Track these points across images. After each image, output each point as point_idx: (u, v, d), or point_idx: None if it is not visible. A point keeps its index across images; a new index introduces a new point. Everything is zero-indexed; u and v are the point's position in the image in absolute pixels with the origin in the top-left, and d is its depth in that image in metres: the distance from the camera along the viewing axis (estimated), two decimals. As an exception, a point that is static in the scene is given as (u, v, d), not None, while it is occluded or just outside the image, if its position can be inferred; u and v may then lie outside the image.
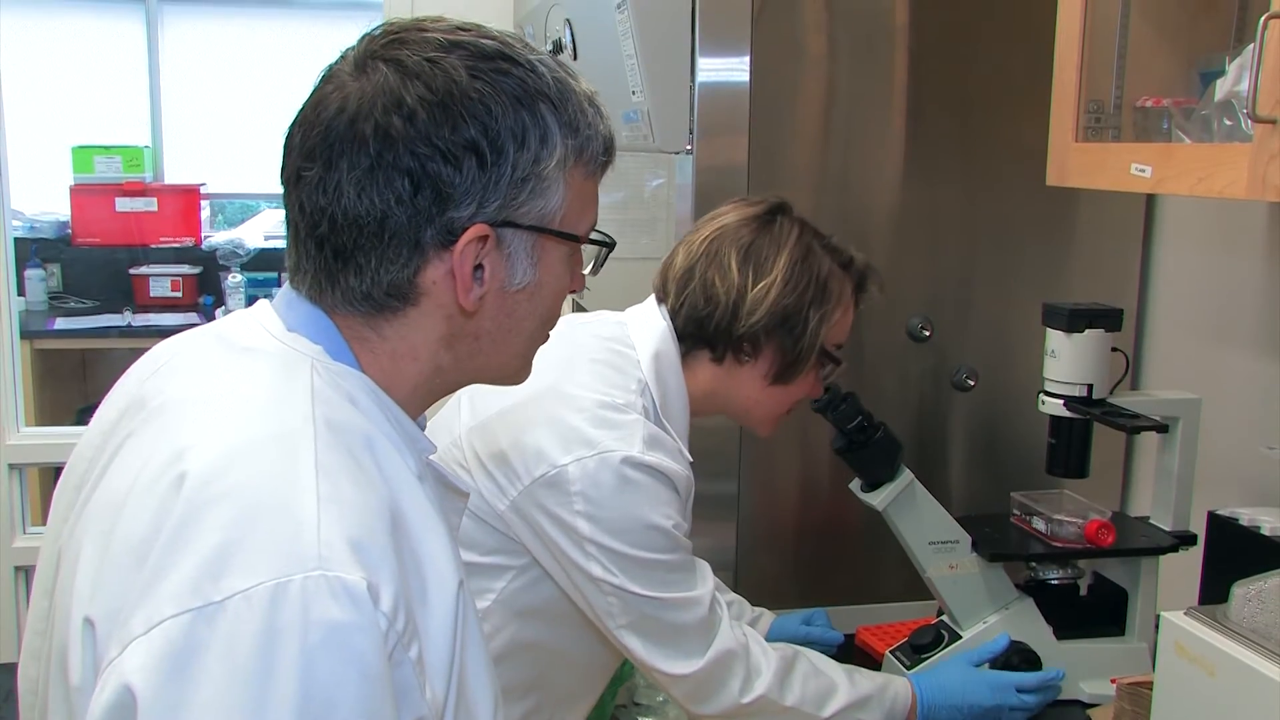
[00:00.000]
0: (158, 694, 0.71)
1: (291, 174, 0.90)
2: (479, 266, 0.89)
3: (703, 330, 1.51)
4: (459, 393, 1.53)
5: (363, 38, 0.91)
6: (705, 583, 1.46)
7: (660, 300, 1.56)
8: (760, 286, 1.48)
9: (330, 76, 0.90)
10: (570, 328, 1.57)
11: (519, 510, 1.41)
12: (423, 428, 1.00)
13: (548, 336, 1.01)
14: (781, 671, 1.49)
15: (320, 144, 0.87)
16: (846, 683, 1.53)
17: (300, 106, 0.91)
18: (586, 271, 1.02)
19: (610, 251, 1.02)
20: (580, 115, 0.92)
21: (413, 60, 0.87)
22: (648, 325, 1.53)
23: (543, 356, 1.50)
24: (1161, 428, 1.63)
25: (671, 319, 1.53)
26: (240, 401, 0.85)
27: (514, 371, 1.00)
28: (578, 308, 2.31)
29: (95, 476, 0.88)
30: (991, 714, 1.59)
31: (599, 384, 1.45)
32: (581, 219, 0.95)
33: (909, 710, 1.57)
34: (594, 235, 0.99)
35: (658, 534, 1.39)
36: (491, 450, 1.43)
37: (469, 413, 1.50)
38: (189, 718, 0.71)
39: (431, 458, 0.98)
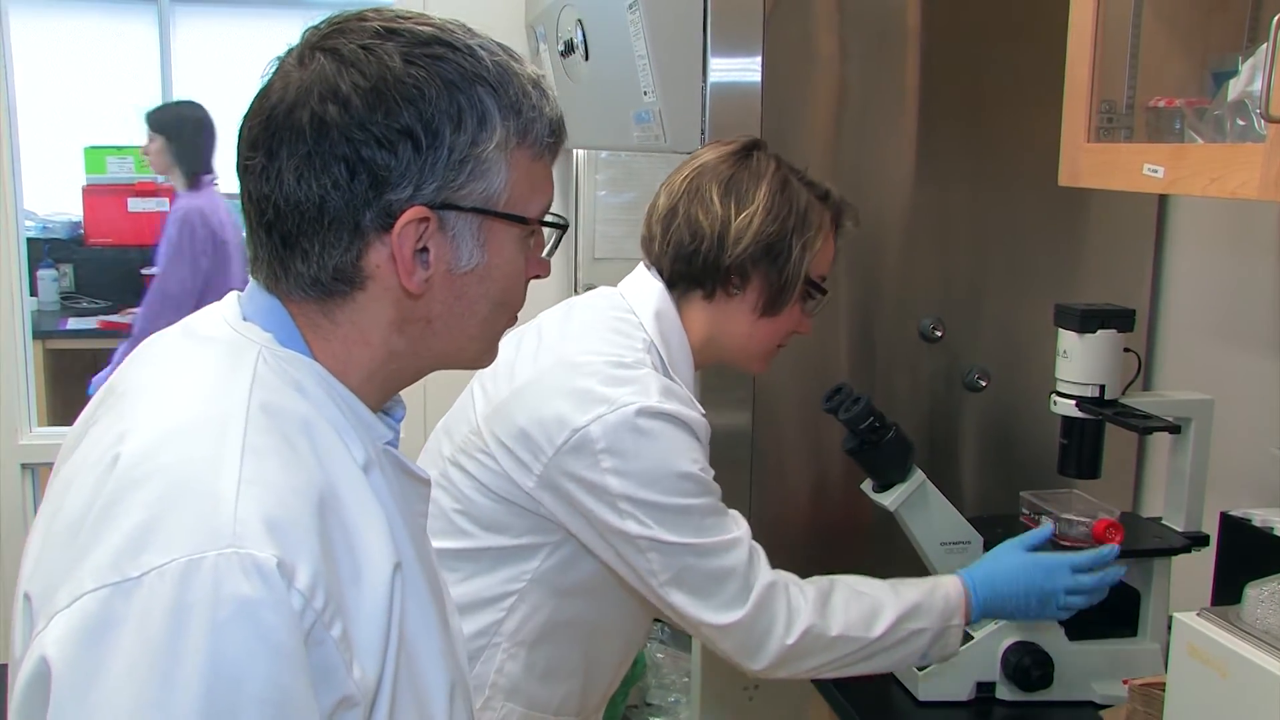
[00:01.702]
0: (71, 665, 0.73)
1: (240, 165, 0.92)
2: (424, 249, 0.90)
3: (691, 267, 1.52)
4: (471, 384, 1.55)
5: (307, 29, 0.94)
6: (740, 524, 1.47)
7: (648, 252, 1.58)
8: (743, 216, 1.50)
9: (279, 67, 0.92)
10: (568, 305, 1.60)
11: (548, 483, 1.42)
12: (399, 416, 1.01)
13: (512, 320, 1.01)
14: (819, 602, 1.48)
15: (262, 133, 0.89)
16: (892, 597, 1.52)
17: (251, 99, 0.93)
18: (544, 255, 1.02)
19: (564, 234, 1.02)
20: (523, 97, 0.93)
21: (348, 49, 0.89)
22: (643, 288, 1.55)
23: (544, 334, 1.51)
24: (1174, 428, 1.63)
25: (659, 262, 1.55)
26: (182, 387, 0.88)
27: (474, 355, 1.00)
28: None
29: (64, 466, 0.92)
30: (1050, 597, 1.57)
31: (606, 346, 1.47)
32: (531, 201, 0.96)
33: (963, 605, 1.56)
34: (548, 218, 0.99)
35: (687, 480, 1.41)
36: (511, 430, 1.44)
37: (483, 400, 1.51)
38: (100, 689, 0.73)
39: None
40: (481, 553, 1.47)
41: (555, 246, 1.03)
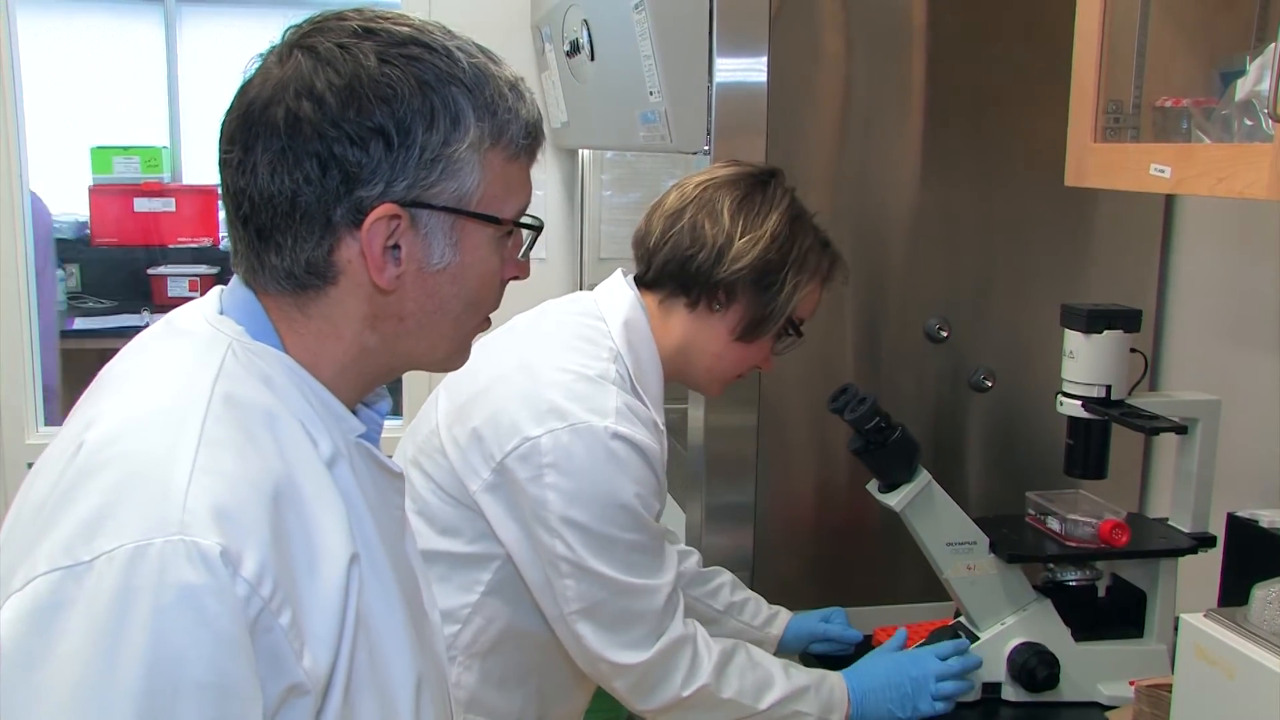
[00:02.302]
0: (19, 646, 0.75)
1: (220, 158, 0.94)
2: (396, 246, 0.91)
3: (682, 272, 1.52)
4: (437, 389, 1.55)
5: (289, 27, 0.95)
6: (668, 571, 1.47)
7: (638, 246, 1.58)
8: (748, 238, 1.50)
9: (261, 64, 0.94)
10: (541, 309, 1.60)
11: (493, 488, 1.42)
12: (383, 411, 1.02)
13: (485, 323, 1.02)
14: (720, 664, 1.50)
15: (239, 128, 0.91)
16: (783, 676, 1.56)
17: (233, 95, 0.95)
18: (520, 257, 1.03)
19: (538, 236, 1.03)
20: (499, 99, 0.94)
21: (325, 47, 0.90)
22: (616, 295, 1.55)
23: (513, 336, 1.51)
24: (1180, 429, 1.63)
25: (648, 259, 1.56)
26: (150, 378, 0.90)
27: (445, 355, 1.01)
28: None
29: None
30: (921, 684, 1.61)
31: (571, 355, 1.47)
32: (506, 202, 0.96)
33: (845, 704, 1.59)
34: (524, 219, 1.00)
35: (625, 512, 1.41)
36: (465, 431, 1.45)
37: (445, 400, 1.52)
38: (45, 669, 0.74)
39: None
40: (436, 556, 1.47)
41: (530, 248, 1.03)
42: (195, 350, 0.91)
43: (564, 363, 1.45)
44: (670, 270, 1.53)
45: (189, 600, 0.76)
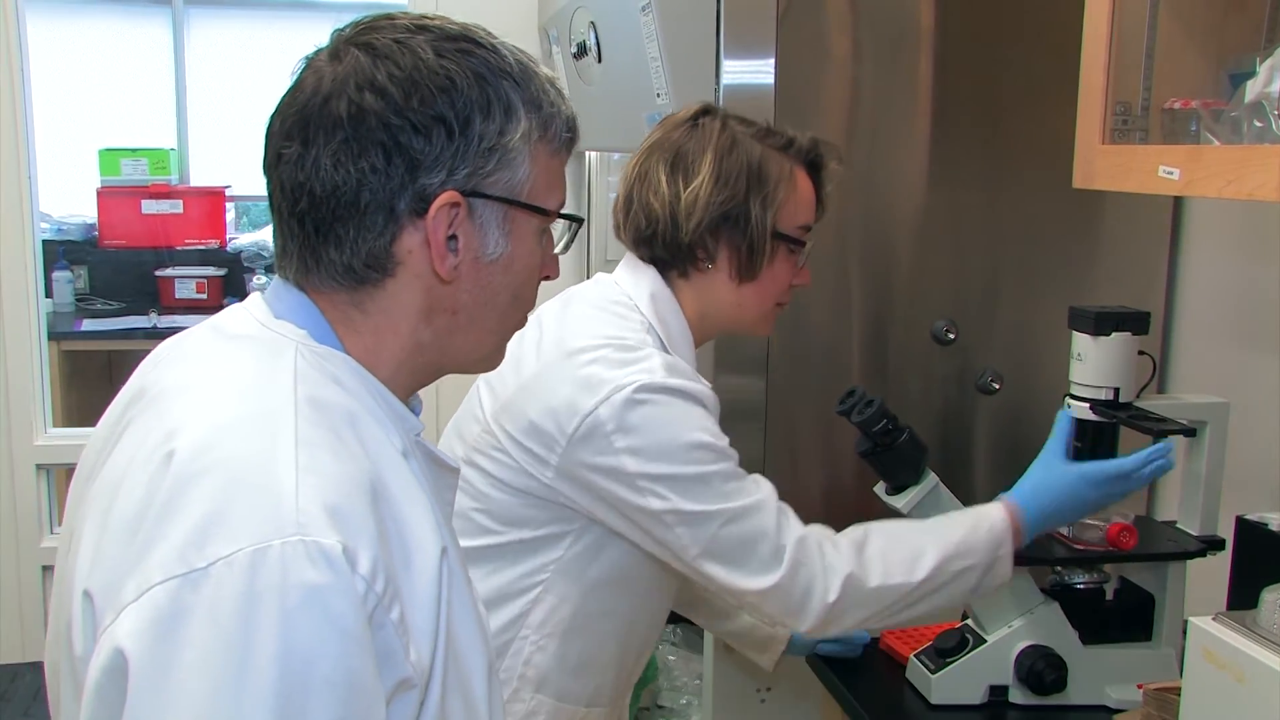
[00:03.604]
0: (147, 656, 0.75)
1: (273, 157, 0.95)
2: (453, 236, 0.94)
3: (654, 250, 1.53)
4: (476, 386, 1.55)
5: (335, 31, 0.98)
6: (763, 484, 1.46)
7: (620, 240, 1.58)
8: (690, 190, 1.49)
9: (308, 65, 0.96)
10: (565, 295, 1.61)
11: (566, 474, 1.42)
12: (418, 411, 1.04)
13: (523, 321, 1.04)
14: (854, 553, 1.46)
15: (297, 124, 0.93)
16: (933, 538, 1.49)
17: (281, 96, 0.97)
18: (557, 251, 1.06)
19: (579, 228, 1.05)
20: (543, 94, 0.97)
21: (382, 43, 0.93)
22: (635, 272, 1.55)
23: (544, 327, 1.52)
24: (1189, 431, 1.62)
25: (632, 249, 1.56)
26: (226, 384, 0.90)
27: (488, 353, 1.03)
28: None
29: (100, 466, 0.93)
30: (1101, 505, 1.57)
31: (606, 330, 1.47)
32: (549, 195, 0.99)
33: (1010, 531, 1.52)
34: (566, 212, 1.03)
35: (700, 449, 1.41)
36: (521, 425, 1.44)
37: (490, 398, 1.52)
38: (176, 678, 0.75)
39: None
40: (505, 547, 1.48)
41: (571, 242, 1.05)
42: (262, 355, 0.92)
43: (601, 338, 1.45)
44: (644, 253, 1.54)
45: (315, 600, 0.77)
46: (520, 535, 1.48)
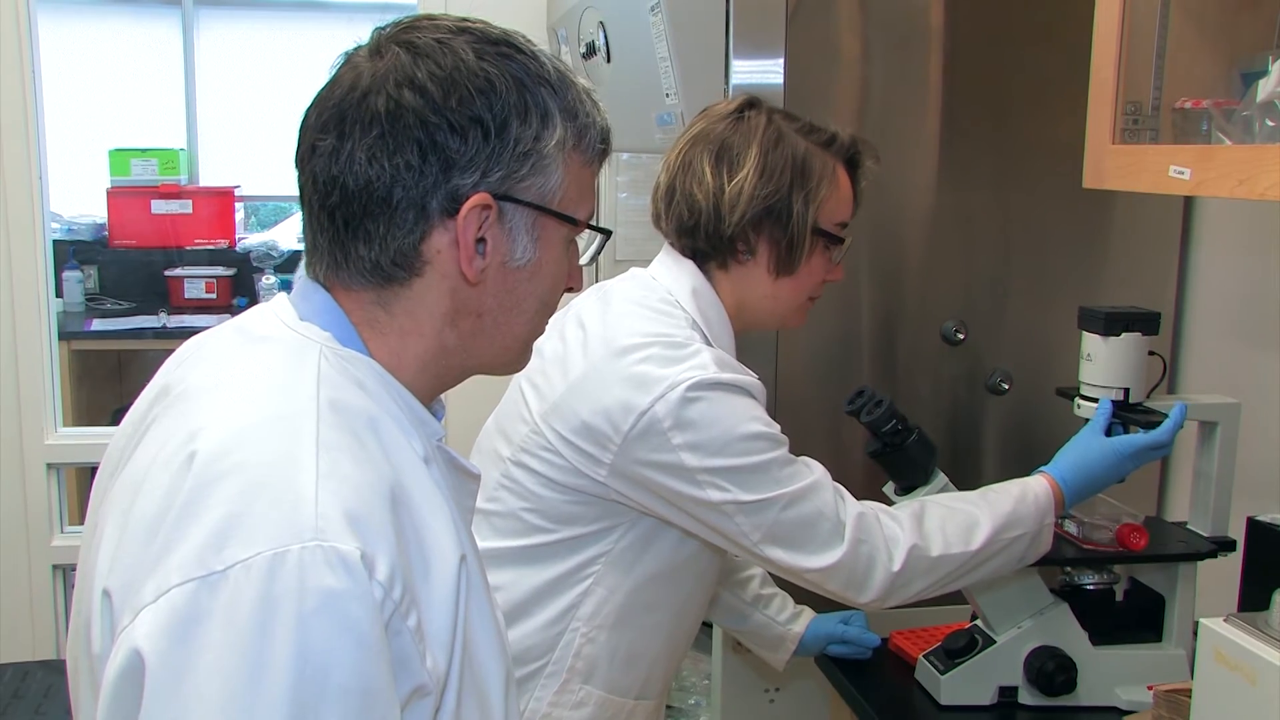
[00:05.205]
0: (164, 657, 0.75)
1: (306, 149, 0.95)
2: (482, 239, 0.93)
3: (696, 241, 1.53)
4: (518, 386, 1.55)
5: (376, 29, 0.98)
6: (815, 468, 1.48)
7: (659, 229, 1.58)
8: (735, 183, 1.49)
9: (347, 60, 0.96)
10: (601, 291, 1.60)
11: (620, 472, 1.43)
12: (441, 415, 1.03)
13: (544, 328, 1.04)
14: (914, 525, 1.49)
15: (334, 117, 0.93)
16: (986, 508, 1.53)
17: (318, 90, 0.97)
18: (583, 262, 1.05)
19: (607, 241, 1.05)
20: (579, 103, 0.98)
21: (423, 41, 0.93)
22: (675, 268, 1.56)
23: (586, 323, 1.52)
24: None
25: (670, 239, 1.56)
26: (249, 386, 0.90)
27: (513, 357, 1.03)
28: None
29: (124, 463, 0.93)
30: (1131, 472, 1.61)
31: (651, 328, 1.47)
32: (580, 205, 1.00)
33: (1053, 502, 1.56)
34: (594, 224, 1.04)
35: (757, 439, 1.42)
36: (573, 425, 1.45)
37: (535, 397, 1.52)
38: (193, 680, 0.75)
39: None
40: (556, 544, 1.50)
41: (597, 254, 1.05)
42: (286, 357, 0.92)
43: (649, 336, 1.46)
44: (687, 243, 1.55)
45: (332, 606, 0.77)
46: (572, 532, 1.49)
